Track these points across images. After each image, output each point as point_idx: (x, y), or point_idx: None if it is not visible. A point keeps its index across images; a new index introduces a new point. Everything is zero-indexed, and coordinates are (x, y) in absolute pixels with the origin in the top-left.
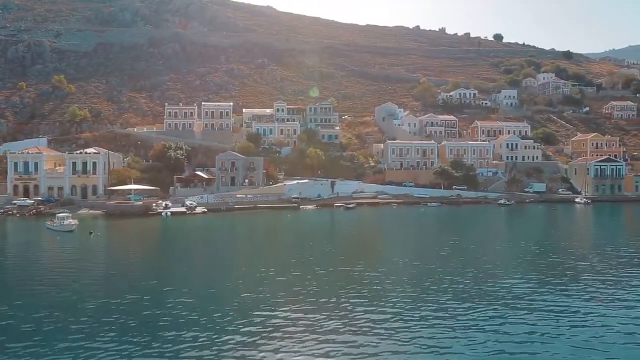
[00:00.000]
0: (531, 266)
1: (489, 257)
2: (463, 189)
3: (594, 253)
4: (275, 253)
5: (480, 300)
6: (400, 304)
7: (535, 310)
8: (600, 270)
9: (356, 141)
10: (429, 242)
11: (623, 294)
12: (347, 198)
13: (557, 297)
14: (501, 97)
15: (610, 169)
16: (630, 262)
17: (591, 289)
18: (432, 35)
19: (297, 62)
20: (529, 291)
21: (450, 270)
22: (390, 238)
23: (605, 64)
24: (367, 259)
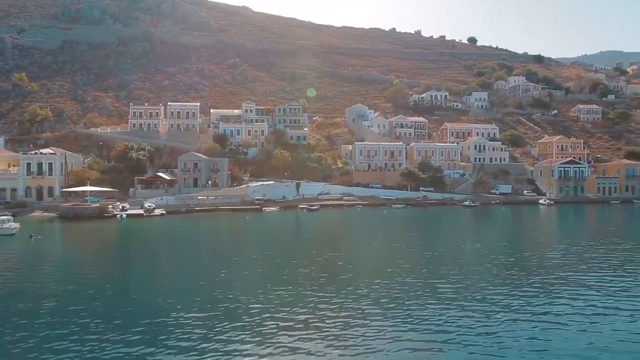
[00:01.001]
0: (484, 267)
1: (439, 259)
2: (430, 190)
3: (550, 254)
4: (225, 256)
5: (434, 300)
6: (357, 309)
7: (492, 310)
8: (554, 271)
9: (325, 142)
10: (382, 245)
11: (582, 293)
12: (312, 200)
13: (515, 298)
14: (472, 99)
15: (573, 170)
16: (583, 262)
17: (547, 290)
18: (408, 38)
19: (270, 62)
20: (483, 291)
21: (402, 272)
22: (345, 241)
23: (574, 69)
24: (319, 262)
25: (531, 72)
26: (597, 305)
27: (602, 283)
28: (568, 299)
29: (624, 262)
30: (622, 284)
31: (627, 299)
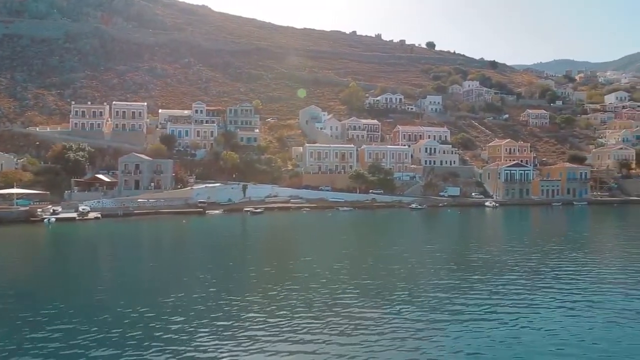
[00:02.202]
0: (412, 269)
1: (360, 261)
2: (379, 193)
3: (481, 255)
4: (146, 263)
5: (372, 302)
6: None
7: (432, 310)
8: (485, 271)
9: (277, 144)
10: (314, 248)
11: (518, 292)
12: (259, 202)
13: (456, 298)
14: (426, 103)
15: (519, 173)
16: (514, 264)
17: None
18: (368, 41)
19: (225, 62)
20: (419, 295)
21: (330, 277)
22: (279, 246)
23: (526, 75)
24: (251, 270)
25: (485, 77)
26: (521, 304)
27: (531, 283)
28: (502, 298)
29: (549, 262)
30: (553, 284)
31: (551, 298)
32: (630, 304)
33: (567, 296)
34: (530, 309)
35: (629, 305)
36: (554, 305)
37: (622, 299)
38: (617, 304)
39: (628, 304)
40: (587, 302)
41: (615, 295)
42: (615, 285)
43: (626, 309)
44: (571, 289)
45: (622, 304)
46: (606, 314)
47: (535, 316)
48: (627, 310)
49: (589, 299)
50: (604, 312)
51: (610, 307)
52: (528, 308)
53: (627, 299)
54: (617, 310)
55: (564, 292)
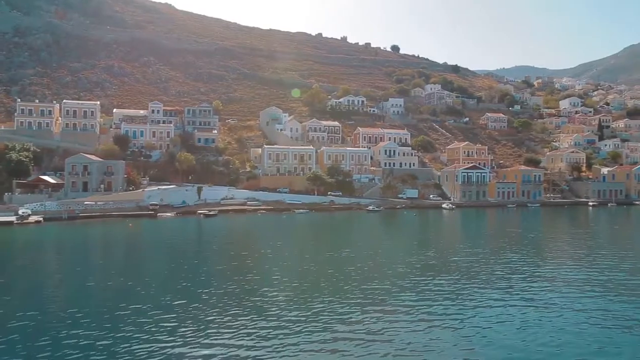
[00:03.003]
0: (344, 272)
1: (296, 265)
2: (338, 195)
3: (422, 257)
4: (77, 270)
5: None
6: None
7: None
8: (434, 273)
9: (236, 146)
10: (253, 252)
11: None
12: (215, 205)
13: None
14: (388, 105)
15: (476, 176)
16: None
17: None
18: (333, 43)
19: (187, 62)
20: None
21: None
22: (224, 248)
23: (487, 80)
24: (182, 276)
25: (447, 81)
26: (468, 305)
27: (476, 283)
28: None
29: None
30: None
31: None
32: (570, 303)
33: (510, 294)
34: (476, 309)
35: (568, 304)
36: (501, 304)
37: (563, 297)
38: (563, 303)
39: (568, 303)
40: (530, 300)
41: (559, 294)
42: (561, 284)
43: (565, 308)
44: (513, 287)
45: (565, 302)
46: (545, 312)
47: (481, 316)
48: (567, 309)
49: (532, 297)
50: (544, 309)
51: (549, 305)
52: (474, 309)
53: (566, 296)
54: (563, 308)
55: (508, 291)
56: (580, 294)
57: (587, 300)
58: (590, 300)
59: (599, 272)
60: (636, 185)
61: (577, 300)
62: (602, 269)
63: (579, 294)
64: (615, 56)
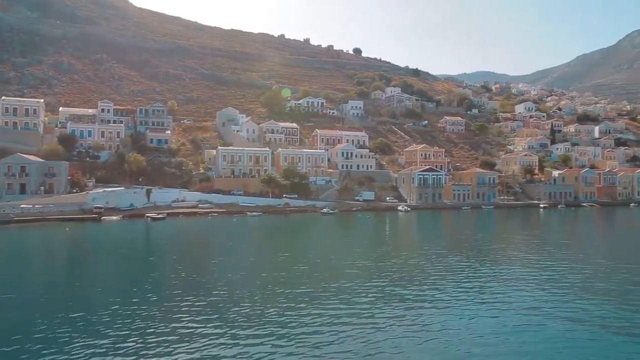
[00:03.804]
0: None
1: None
2: (293, 197)
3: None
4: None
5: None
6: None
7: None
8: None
9: (190, 147)
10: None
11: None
12: (165, 207)
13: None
14: (348, 108)
15: (432, 178)
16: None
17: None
18: (296, 45)
19: (142, 60)
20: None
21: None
22: (161, 253)
23: (447, 84)
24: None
25: (408, 85)
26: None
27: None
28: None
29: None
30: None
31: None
32: (516, 300)
33: (460, 295)
34: (416, 310)
35: (514, 302)
36: (448, 304)
37: (509, 295)
38: (510, 301)
39: (514, 300)
40: (480, 299)
41: (505, 293)
42: (503, 282)
43: (513, 307)
44: (463, 288)
45: (510, 299)
46: (494, 310)
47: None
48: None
49: (482, 297)
50: (493, 308)
51: (498, 304)
52: (409, 310)
53: (512, 294)
54: (509, 305)
55: (457, 291)
56: (526, 291)
57: (531, 297)
58: (535, 296)
59: (546, 271)
60: (584, 188)
61: (522, 297)
62: (550, 268)
63: (525, 291)
64: (568, 64)
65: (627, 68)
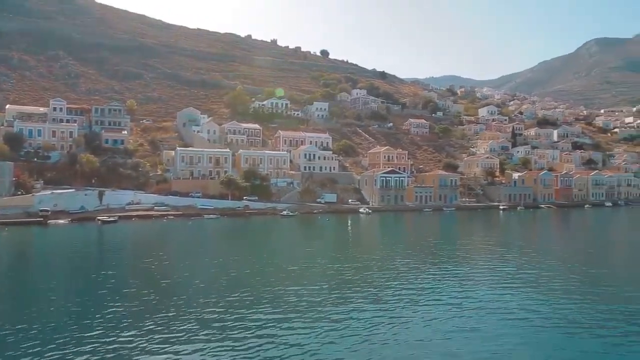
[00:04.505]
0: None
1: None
2: (254, 199)
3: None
4: None
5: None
6: None
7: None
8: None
9: (148, 147)
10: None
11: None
12: (119, 210)
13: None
14: (313, 109)
15: (394, 180)
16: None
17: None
18: (263, 46)
19: (102, 58)
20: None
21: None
22: (104, 257)
23: (414, 87)
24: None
25: (374, 87)
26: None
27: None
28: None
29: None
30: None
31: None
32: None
33: (418, 295)
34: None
35: (472, 302)
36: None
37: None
38: (467, 301)
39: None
40: (437, 299)
41: (463, 292)
42: (458, 283)
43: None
44: (413, 290)
45: (468, 299)
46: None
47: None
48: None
49: (438, 297)
50: (450, 308)
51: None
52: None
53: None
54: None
55: (415, 292)
56: (486, 290)
57: (487, 295)
58: (493, 295)
59: (499, 271)
60: (542, 190)
61: (479, 296)
62: (501, 268)
63: (484, 291)
64: (531, 70)
65: (584, 75)
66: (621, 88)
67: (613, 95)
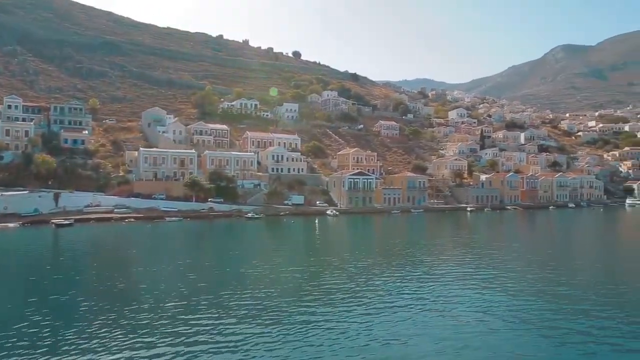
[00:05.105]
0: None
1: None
2: (219, 201)
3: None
4: None
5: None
6: None
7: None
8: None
9: (110, 148)
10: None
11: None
12: (76, 213)
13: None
14: (282, 110)
15: (362, 182)
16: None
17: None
18: (234, 46)
19: (64, 55)
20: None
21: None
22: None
23: (385, 89)
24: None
25: (345, 89)
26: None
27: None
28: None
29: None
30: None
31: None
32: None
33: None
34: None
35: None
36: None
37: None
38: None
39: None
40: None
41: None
42: (417, 283)
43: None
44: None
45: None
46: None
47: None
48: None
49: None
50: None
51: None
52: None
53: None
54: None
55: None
56: (442, 290)
57: (442, 295)
58: (449, 295)
59: (460, 270)
60: (509, 191)
61: (434, 297)
62: (466, 267)
63: (439, 291)
64: (501, 74)
65: (551, 80)
66: (585, 93)
67: (578, 100)
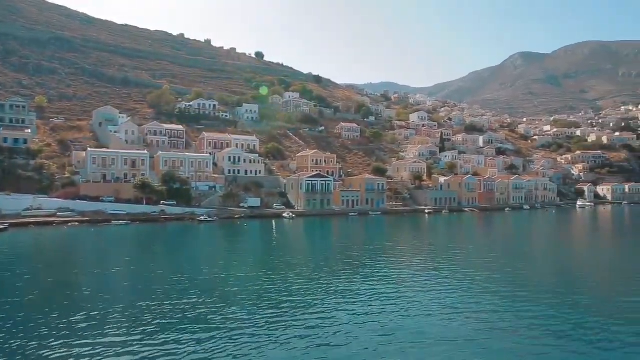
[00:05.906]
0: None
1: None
2: (171, 204)
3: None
4: None
5: None
6: None
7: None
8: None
9: (57, 148)
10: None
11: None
12: (14, 216)
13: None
14: (242, 111)
15: (320, 184)
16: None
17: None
18: (196, 45)
19: (8, 50)
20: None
21: None
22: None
23: (348, 91)
24: None
25: (307, 90)
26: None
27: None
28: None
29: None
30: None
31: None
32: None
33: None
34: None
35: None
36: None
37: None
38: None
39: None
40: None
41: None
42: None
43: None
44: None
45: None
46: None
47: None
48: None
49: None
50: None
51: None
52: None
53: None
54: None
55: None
56: (409, 291)
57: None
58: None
59: (411, 272)
60: (467, 194)
61: (383, 300)
62: (414, 269)
63: (388, 293)
64: (463, 79)
65: (510, 86)
66: (542, 99)
67: (534, 105)
